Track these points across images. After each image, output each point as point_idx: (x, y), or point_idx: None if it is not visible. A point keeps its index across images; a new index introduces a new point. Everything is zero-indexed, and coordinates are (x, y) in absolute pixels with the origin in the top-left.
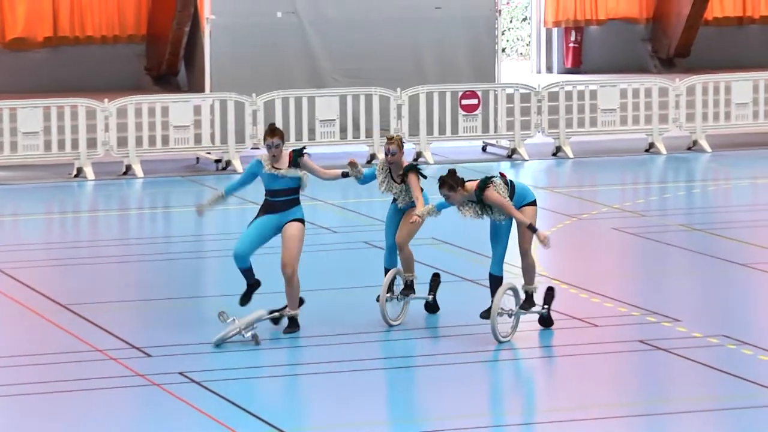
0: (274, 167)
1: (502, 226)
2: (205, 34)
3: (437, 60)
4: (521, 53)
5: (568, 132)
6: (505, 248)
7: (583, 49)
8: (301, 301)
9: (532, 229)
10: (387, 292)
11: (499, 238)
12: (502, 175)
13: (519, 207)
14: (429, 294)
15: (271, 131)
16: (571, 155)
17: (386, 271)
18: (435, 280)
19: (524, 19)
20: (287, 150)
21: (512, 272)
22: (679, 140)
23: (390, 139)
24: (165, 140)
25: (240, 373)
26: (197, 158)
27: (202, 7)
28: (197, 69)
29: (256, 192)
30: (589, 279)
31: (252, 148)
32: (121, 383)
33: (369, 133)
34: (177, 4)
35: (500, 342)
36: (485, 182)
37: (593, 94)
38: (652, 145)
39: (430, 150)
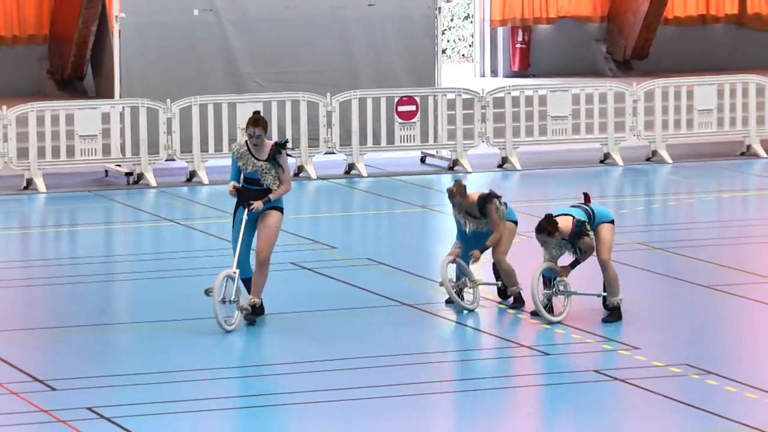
0: (253, 155)
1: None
2: (114, 33)
3: (371, 62)
4: (463, 55)
5: (515, 141)
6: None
7: (531, 50)
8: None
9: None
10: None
11: None
12: (586, 200)
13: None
14: (498, 280)
15: (254, 121)
16: (518, 167)
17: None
18: None
19: (466, 18)
20: (270, 141)
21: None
22: (637, 150)
23: (451, 193)
24: (70, 151)
25: (153, 408)
26: (106, 171)
27: (110, 4)
28: (105, 73)
29: (172, 209)
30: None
31: (167, 160)
32: (23, 420)
33: (296, 143)
34: (83, 1)
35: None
36: (581, 227)
37: (542, 100)
38: (607, 155)
39: (363, 162)
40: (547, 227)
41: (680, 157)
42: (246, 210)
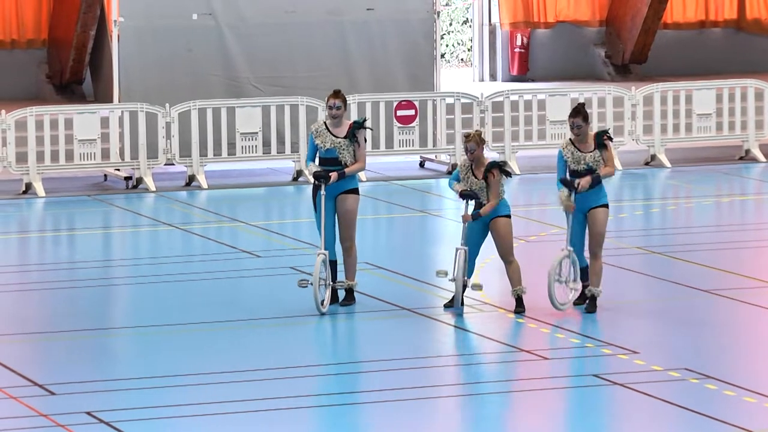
0: (331, 132)
1: (581, 222)
2: (113, 38)
3: (370, 67)
4: (462, 59)
5: (514, 146)
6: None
7: (530, 54)
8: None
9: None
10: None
11: (576, 233)
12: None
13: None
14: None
15: (335, 93)
16: (517, 171)
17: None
18: None
19: (465, 22)
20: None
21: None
22: (636, 154)
23: (468, 136)
24: (69, 155)
25: (152, 412)
26: (105, 175)
27: (109, 8)
28: (104, 77)
29: (171, 213)
30: (538, 307)
31: (166, 164)
32: (23, 424)
33: (295, 148)
34: (81, 6)
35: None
36: (605, 132)
37: (541, 104)
38: None
39: None
40: (583, 111)
41: (679, 162)
42: (323, 186)
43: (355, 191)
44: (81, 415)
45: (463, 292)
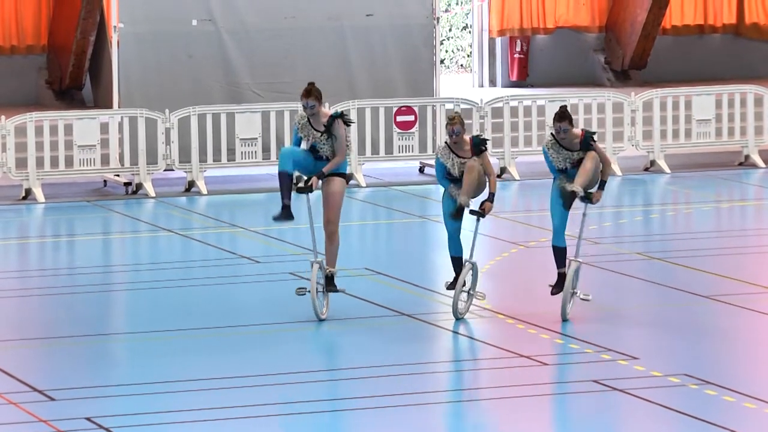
0: (313, 127)
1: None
2: (113, 44)
3: (369, 72)
4: (462, 65)
5: (514, 151)
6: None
7: (530, 60)
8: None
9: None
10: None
11: (555, 210)
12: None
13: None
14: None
15: (307, 92)
16: (517, 176)
17: (453, 259)
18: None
19: (465, 28)
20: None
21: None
22: (636, 160)
23: (452, 119)
24: (69, 161)
25: (152, 418)
26: (104, 181)
27: (109, 14)
28: (104, 83)
29: (170, 219)
30: (537, 313)
31: (165, 170)
32: (22, 430)
33: None
34: (81, 11)
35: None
36: (592, 135)
37: (541, 110)
38: None
39: (361, 171)
40: (568, 114)
41: (678, 167)
42: (307, 193)
43: (342, 175)
44: (81, 420)
45: (469, 302)
